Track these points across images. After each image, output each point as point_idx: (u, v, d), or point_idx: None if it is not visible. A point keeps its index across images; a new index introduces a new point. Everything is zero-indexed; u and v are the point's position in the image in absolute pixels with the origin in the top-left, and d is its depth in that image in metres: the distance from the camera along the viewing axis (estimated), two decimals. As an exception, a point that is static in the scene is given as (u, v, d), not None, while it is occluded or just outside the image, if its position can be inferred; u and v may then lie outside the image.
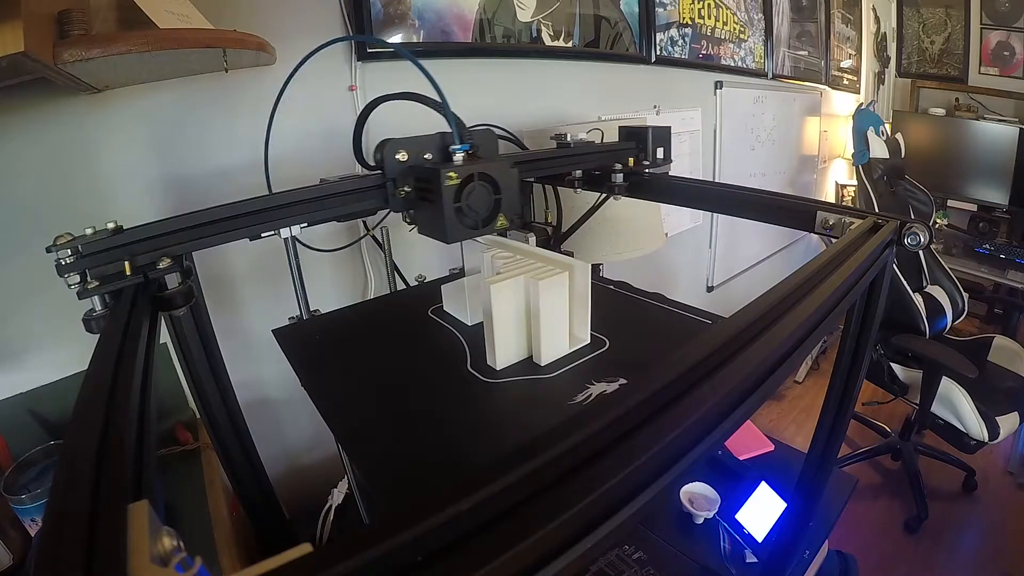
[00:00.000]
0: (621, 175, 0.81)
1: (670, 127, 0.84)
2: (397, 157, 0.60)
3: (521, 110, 1.52)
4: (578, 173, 0.83)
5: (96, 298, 0.46)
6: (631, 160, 0.81)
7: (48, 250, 0.46)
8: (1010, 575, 1.67)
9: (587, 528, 0.20)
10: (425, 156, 0.61)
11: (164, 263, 0.49)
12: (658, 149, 0.82)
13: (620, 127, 0.86)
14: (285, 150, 1.11)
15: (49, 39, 0.66)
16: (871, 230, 0.52)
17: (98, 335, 0.39)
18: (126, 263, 0.48)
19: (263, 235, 0.59)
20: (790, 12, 2.61)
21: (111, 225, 0.49)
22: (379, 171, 0.62)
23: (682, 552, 0.84)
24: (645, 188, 0.80)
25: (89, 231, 0.48)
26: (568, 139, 0.79)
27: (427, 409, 0.62)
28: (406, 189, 0.61)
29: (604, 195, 0.91)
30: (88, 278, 0.47)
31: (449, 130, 0.59)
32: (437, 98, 0.58)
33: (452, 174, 0.53)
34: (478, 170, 0.55)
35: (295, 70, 0.67)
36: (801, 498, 0.71)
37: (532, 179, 0.90)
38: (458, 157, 0.56)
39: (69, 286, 0.46)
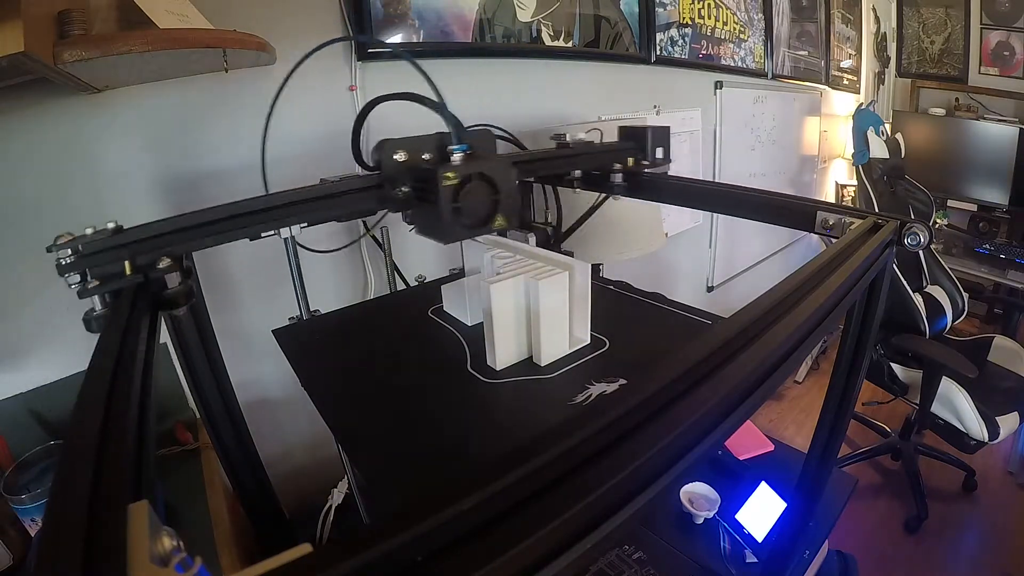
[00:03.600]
0: (620, 175, 0.81)
1: (669, 127, 0.85)
2: (395, 157, 0.60)
3: (521, 110, 1.52)
4: (577, 173, 0.83)
5: (96, 298, 0.47)
6: (631, 160, 0.82)
7: (48, 250, 0.47)
8: (1010, 575, 1.67)
9: (587, 528, 0.20)
10: (423, 156, 0.62)
11: (164, 263, 0.49)
12: (657, 149, 0.82)
13: (620, 127, 0.86)
14: (285, 150, 1.11)
15: (49, 39, 0.66)
16: (871, 230, 0.52)
17: (98, 334, 0.40)
18: (126, 263, 0.48)
19: (263, 235, 0.59)
20: (790, 12, 2.61)
21: (111, 225, 0.50)
22: (377, 171, 0.62)
23: (682, 552, 0.84)
24: (644, 188, 0.81)
25: (89, 231, 0.48)
26: (567, 139, 0.79)
27: (427, 409, 0.62)
28: (404, 189, 0.60)
29: (603, 195, 0.90)
30: (88, 278, 0.47)
31: (447, 130, 0.59)
32: (435, 98, 0.58)
33: (450, 174, 0.53)
34: (476, 170, 0.55)
35: (292, 70, 0.67)
36: (801, 498, 0.71)
37: (531, 179, 0.90)
38: (456, 157, 0.55)
39: (70, 285, 0.47)
